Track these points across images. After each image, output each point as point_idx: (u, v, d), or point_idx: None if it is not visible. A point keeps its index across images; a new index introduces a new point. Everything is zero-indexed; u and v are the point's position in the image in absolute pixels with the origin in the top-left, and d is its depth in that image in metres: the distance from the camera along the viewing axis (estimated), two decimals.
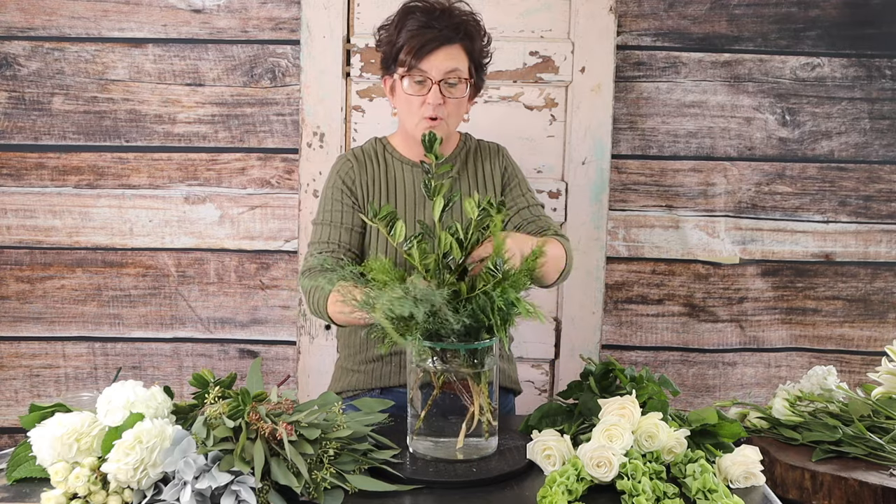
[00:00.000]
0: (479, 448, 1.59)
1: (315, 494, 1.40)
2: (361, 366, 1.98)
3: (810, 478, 1.69)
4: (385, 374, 1.95)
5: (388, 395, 1.95)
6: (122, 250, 2.59)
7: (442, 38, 1.82)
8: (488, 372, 1.58)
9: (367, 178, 1.97)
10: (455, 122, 1.92)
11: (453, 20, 1.85)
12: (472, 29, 1.88)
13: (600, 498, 1.46)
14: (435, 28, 1.82)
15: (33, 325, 2.60)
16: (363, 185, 1.96)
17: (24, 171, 2.55)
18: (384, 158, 2.00)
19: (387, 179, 1.98)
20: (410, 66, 1.83)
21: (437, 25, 1.83)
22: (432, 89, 1.83)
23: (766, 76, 2.56)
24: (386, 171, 1.98)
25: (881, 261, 2.64)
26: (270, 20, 2.51)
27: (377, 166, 1.99)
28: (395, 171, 1.99)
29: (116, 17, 2.50)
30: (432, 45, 1.82)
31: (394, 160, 2.00)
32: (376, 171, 1.98)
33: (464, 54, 1.86)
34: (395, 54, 1.86)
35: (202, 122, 2.54)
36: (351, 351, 2.01)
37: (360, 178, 1.97)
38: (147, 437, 1.37)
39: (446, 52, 1.83)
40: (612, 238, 2.60)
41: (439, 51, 1.82)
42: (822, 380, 1.94)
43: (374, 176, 1.98)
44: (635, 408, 1.56)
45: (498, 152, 2.07)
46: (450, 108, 1.86)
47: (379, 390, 1.97)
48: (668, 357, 2.66)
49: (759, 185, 2.60)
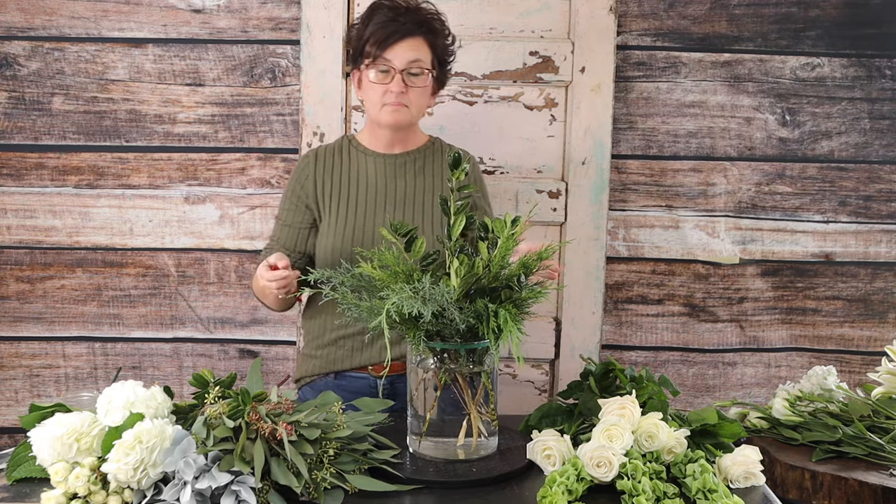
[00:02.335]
0: (479, 448, 1.59)
1: (315, 494, 1.40)
2: (317, 351, 2.05)
3: (810, 478, 1.69)
4: (338, 358, 2.01)
5: (342, 380, 2.01)
6: (122, 250, 2.59)
7: (405, 31, 1.93)
8: (488, 371, 1.58)
9: (327, 172, 2.05)
10: (417, 111, 1.99)
11: (418, 16, 1.97)
12: (437, 25, 1.99)
13: (600, 498, 1.46)
14: (400, 21, 1.93)
15: (33, 325, 2.60)
16: (321, 179, 2.04)
17: (24, 171, 2.55)
18: (348, 152, 2.07)
19: (349, 170, 2.05)
20: (375, 57, 1.93)
21: (402, 20, 1.93)
22: (395, 78, 1.92)
23: (766, 76, 2.56)
24: (349, 163, 2.06)
25: (881, 261, 2.64)
26: (270, 20, 2.51)
27: (339, 160, 2.06)
28: (359, 162, 2.05)
29: (116, 17, 2.50)
30: (396, 36, 1.92)
31: (357, 153, 2.06)
32: (338, 165, 2.05)
33: (427, 47, 1.96)
34: (361, 47, 1.96)
35: (202, 122, 2.54)
36: (309, 337, 2.09)
37: (319, 174, 2.04)
38: (147, 437, 1.37)
39: (409, 43, 1.93)
40: (612, 238, 2.60)
41: (403, 41, 1.92)
42: (822, 380, 1.94)
43: (335, 169, 2.05)
44: (635, 408, 1.56)
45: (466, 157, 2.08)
46: (412, 97, 1.94)
47: (333, 374, 2.03)
48: (668, 357, 2.66)
49: (759, 185, 2.60)
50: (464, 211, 1.62)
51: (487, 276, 1.56)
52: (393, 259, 1.57)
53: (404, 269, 1.56)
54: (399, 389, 1.95)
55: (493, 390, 1.59)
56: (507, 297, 1.55)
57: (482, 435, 1.60)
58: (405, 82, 1.92)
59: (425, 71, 1.94)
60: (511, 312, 1.49)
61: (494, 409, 1.61)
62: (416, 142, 2.08)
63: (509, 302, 1.54)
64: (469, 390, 1.58)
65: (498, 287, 1.56)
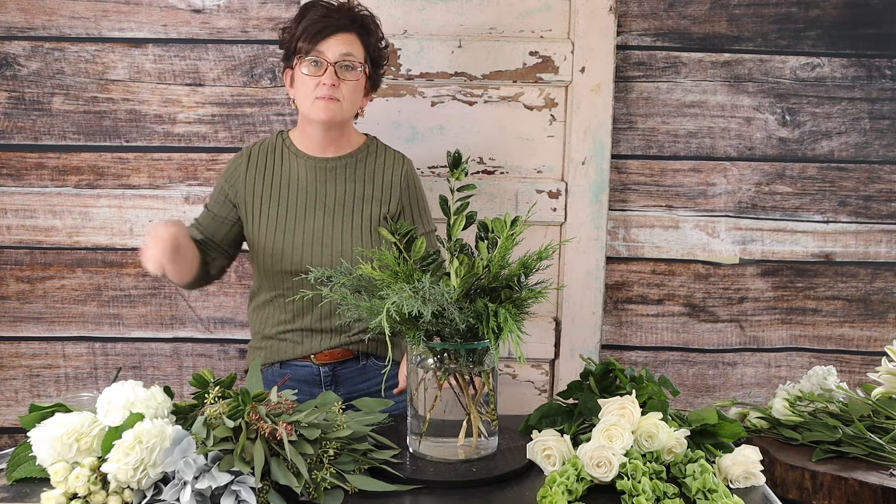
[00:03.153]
0: (479, 448, 1.59)
1: (315, 494, 1.40)
2: (263, 342, 2.10)
3: (810, 478, 1.69)
4: (282, 349, 2.07)
5: (287, 368, 2.08)
6: (122, 250, 2.59)
7: (338, 25, 1.95)
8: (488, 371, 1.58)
9: (258, 173, 2.06)
10: (350, 107, 1.99)
11: (351, 14, 1.99)
12: (370, 24, 2.01)
13: (600, 498, 1.46)
14: (333, 17, 1.95)
15: (33, 325, 2.60)
16: (252, 180, 2.06)
17: (24, 171, 2.55)
18: (281, 152, 2.08)
19: (281, 173, 2.06)
20: (307, 51, 1.94)
21: (335, 16, 1.97)
22: (328, 70, 1.93)
23: (766, 76, 2.56)
24: (281, 165, 2.06)
25: (881, 261, 2.64)
26: (270, 20, 2.51)
27: (272, 160, 2.07)
28: (290, 164, 2.06)
29: (116, 17, 2.50)
30: (328, 30, 1.94)
31: (289, 154, 2.07)
32: (270, 165, 2.07)
33: (359, 43, 1.98)
34: (294, 44, 1.96)
35: (202, 122, 2.54)
36: (255, 329, 2.14)
37: (250, 175, 2.06)
38: (147, 437, 1.37)
39: (342, 37, 1.95)
40: (612, 238, 2.60)
41: (335, 36, 1.94)
42: (822, 380, 1.94)
43: (266, 171, 2.06)
44: (635, 408, 1.56)
45: (403, 162, 2.11)
46: (345, 91, 1.95)
47: (279, 364, 2.09)
48: (668, 357, 2.66)
49: (759, 185, 2.60)
50: (464, 210, 1.62)
51: (487, 276, 1.56)
52: (393, 259, 1.58)
53: (404, 270, 1.56)
54: (341, 376, 2.06)
55: (493, 390, 1.59)
56: (506, 296, 1.55)
57: (482, 435, 1.60)
58: (337, 75, 1.93)
59: (357, 65, 1.95)
60: (511, 312, 1.49)
61: (494, 409, 1.61)
62: (349, 144, 2.07)
63: (509, 302, 1.54)
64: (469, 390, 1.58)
65: (498, 287, 1.56)
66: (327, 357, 2.05)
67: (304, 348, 2.06)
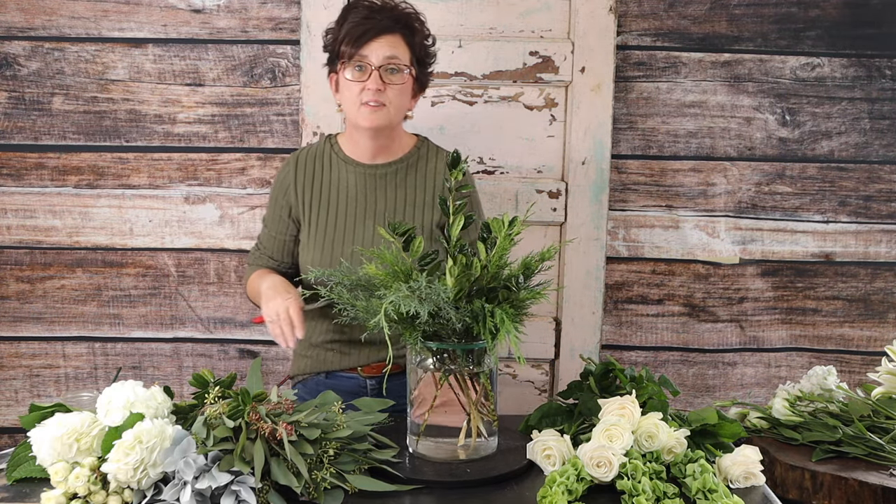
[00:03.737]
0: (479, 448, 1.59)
1: (315, 494, 1.40)
2: (308, 351, 2.06)
3: (810, 478, 1.69)
4: (328, 359, 2.03)
5: (333, 379, 2.04)
6: (122, 250, 2.59)
7: (381, 28, 1.88)
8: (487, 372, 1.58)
9: (307, 179, 2.02)
10: (398, 111, 1.92)
11: (395, 13, 1.91)
12: (415, 24, 1.93)
13: (600, 498, 1.46)
14: (376, 18, 1.88)
15: (33, 325, 2.60)
16: (303, 188, 2.01)
17: (24, 171, 2.55)
18: (330, 158, 2.03)
19: (330, 181, 2.01)
20: (351, 55, 1.87)
21: (378, 17, 1.88)
22: (372, 74, 1.86)
23: (766, 76, 2.56)
24: (330, 172, 2.02)
25: (881, 261, 2.64)
26: (270, 20, 2.51)
27: (321, 167, 2.02)
28: (340, 171, 2.01)
29: (116, 17, 2.50)
30: (371, 32, 1.87)
31: (339, 160, 2.02)
32: (319, 173, 2.02)
33: (404, 44, 1.90)
34: (337, 48, 1.91)
35: (202, 122, 2.54)
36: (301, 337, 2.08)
37: (299, 182, 2.02)
38: (147, 437, 1.37)
39: (386, 39, 1.87)
40: (612, 238, 2.60)
41: (379, 38, 1.87)
42: (822, 380, 1.94)
43: (316, 178, 2.02)
44: (635, 408, 1.56)
45: None
46: (391, 96, 1.88)
47: (325, 374, 2.05)
48: (668, 357, 2.66)
49: (759, 185, 2.60)
50: (462, 210, 1.62)
51: (486, 276, 1.55)
52: (392, 258, 1.57)
53: (403, 269, 1.56)
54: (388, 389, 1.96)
55: (492, 390, 1.59)
56: (504, 297, 1.55)
57: (482, 435, 1.60)
58: (382, 79, 1.86)
59: (403, 68, 1.89)
60: (508, 313, 1.49)
61: (494, 409, 1.61)
62: (399, 149, 2.01)
63: (507, 302, 1.54)
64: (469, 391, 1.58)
65: (496, 287, 1.56)
66: (374, 370, 1.99)
67: (350, 360, 2.01)
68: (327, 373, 2.04)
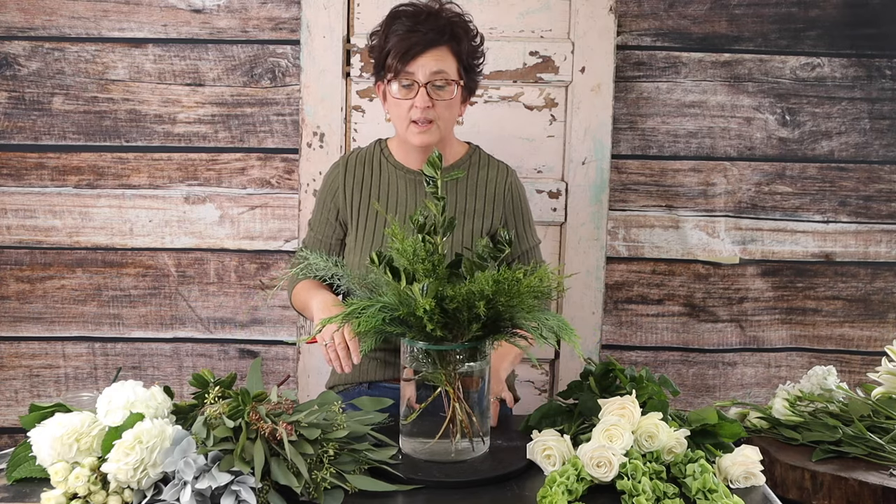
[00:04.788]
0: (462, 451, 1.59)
1: (315, 494, 1.40)
2: None
3: (810, 478, 1.69)
4: (370, 368, 1.99)
5: (376, 390, 1.99)
6: (122, 250, 2.59)
7: (427, 41, 1.82)
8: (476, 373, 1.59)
9: (356, 183, 1.98)
10: (447, 125, 1.90)
11: (439, 22, 1.85)
12: (460, 30, 1.87)
13: (600, 498, 1.46)
14: (420, 31, 1.82)
15: (33, 325, 2.60)
16: (351, 192, 1.98)
17: (24, 171, 2.55)
18: (380, 163, 2.00)
19: (379, 186, 1.98)
20: (397, 71, 1.83)
21: (423, 29, 1.83)
22: (419, 92, 1.82)
23: (766, 76, 2.56)
24: (380, 176, 1.99)
25: (881, 261, 2.64)
26: (270, 20, 2.51)
27: (370, 172, 1.99)
28: (389, 177, 1.98)
29: (116, 17, 2.50)
30: (417, 48, 1.81)
31: (388, 165, 1.99)
32: (368, 177, 1.99)
33: (451, 56, 1.86)
34: (383, 59, 1.86)
35: (202, 122, 2.54)
36: None
37: (348, 184, 1.98)
38: (147, 437, 1.37)
39: (432, 54, 1.83)
40: (612, 238, 2.60)
41: (425, 53, 1.82)
42: (822, 380, 1.94)
43: (365, 182, 1.99)
44: (635, 408, 1.56)
45: (507, 173, 2.03)
46: (439, 111, 1.85)
47: (367, 384, 2.01)
48: (668, 357, 2.66)
49: (759, 185, 2.60)
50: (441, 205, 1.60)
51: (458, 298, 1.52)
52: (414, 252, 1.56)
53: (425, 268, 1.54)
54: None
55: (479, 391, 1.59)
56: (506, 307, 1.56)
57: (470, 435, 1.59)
58: (430, 96, 1.82)
59: (451, 82, 1.84)
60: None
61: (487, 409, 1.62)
62: (451, 155, 1.98)
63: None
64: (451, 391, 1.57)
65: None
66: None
67: (393, 370, 1.96)
68: (370, 383, 2.00)
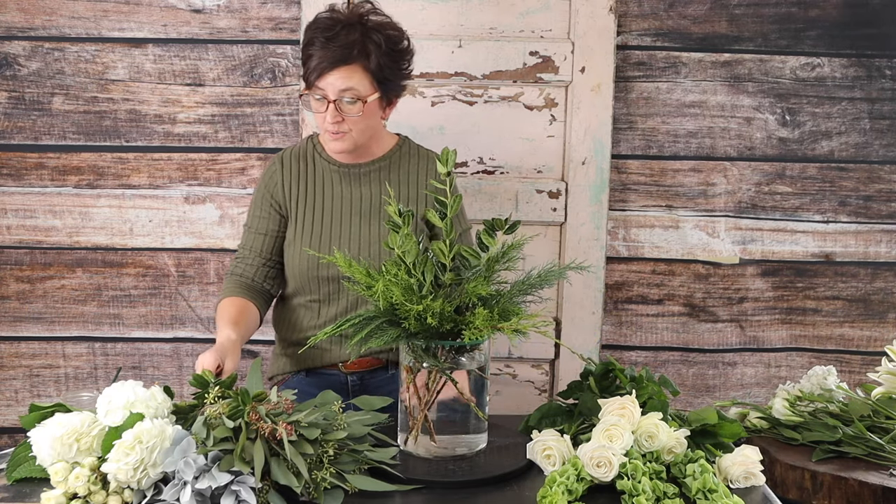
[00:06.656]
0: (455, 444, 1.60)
1: (315, 494, 1.40)
2: (288, 349, 2.06)
3: (810, 478, 1.69)
4: (309, 356, 2.01)
5: (314, 377, 2.04)
6: (122, 250, 2.59)
7: (335, 59, 1.85)
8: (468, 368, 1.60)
9: (293, 178, 2.03)
10: (362, 133, 1.93)
11: (350, 38, 1.86)
12: (372, 45, 1.88)
13: (600, 498, 1.46)
14: (330, 48, 1.85)
15: (33, 325, 2.60)
16: (289, 186, 2.03)
17: (24, 171, 2.55)
18: (313, 158, 2.05)
19: (314, 179, 2.03)
20: (310, 84, 1.89)
21: (333, 45, 1.85)
22: (329, 107, 1.87)
23: (766, 76, 2.56)
24: (314, 171, 2.04)
25: (881, 261, 2.64)
26: (270, 20, 2.51)
27: (305, 166, 2.04)
28: (323, 171, 2.04)
29: (116, 17, 2.50)
30: (324, 65, 1.85)
31: (321, 160, 2.04)
32: (304, 172, 2.04)
33: (361, 72, 1.88)
34: (304, 70, 1.92)
35: (202, 122, 2.54)
36: (281, 335, 2.10)
37: (286, 179, 2.03)
38: (147, 437, 1.37)
39: (340, 72, 1.86)
40: (612, 238, 2.60)
41: (334, 71, 1.86)
42: (822, 380, 1.94)
43: (301, 176, 2.03)
44: (635, 408, 1.56)
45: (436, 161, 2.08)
46: (350, 124, 1.90)
47: (305, 372, 2.05)
48: (668, 357, 2.66)
49: (759, 185, 2.60)
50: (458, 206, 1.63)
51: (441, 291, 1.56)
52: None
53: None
54: (370, 385, 2.02)
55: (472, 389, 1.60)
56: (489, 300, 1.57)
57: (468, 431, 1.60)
58: (340, 109, 1.87)
59: (360, 98, 1.87)
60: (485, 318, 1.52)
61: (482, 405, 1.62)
62: (380, 148, 2.04)
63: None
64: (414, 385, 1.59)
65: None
66: (356, 366, 2.00)
67: (332, 356, 2.01)
68: (308, 370, 2.05)
